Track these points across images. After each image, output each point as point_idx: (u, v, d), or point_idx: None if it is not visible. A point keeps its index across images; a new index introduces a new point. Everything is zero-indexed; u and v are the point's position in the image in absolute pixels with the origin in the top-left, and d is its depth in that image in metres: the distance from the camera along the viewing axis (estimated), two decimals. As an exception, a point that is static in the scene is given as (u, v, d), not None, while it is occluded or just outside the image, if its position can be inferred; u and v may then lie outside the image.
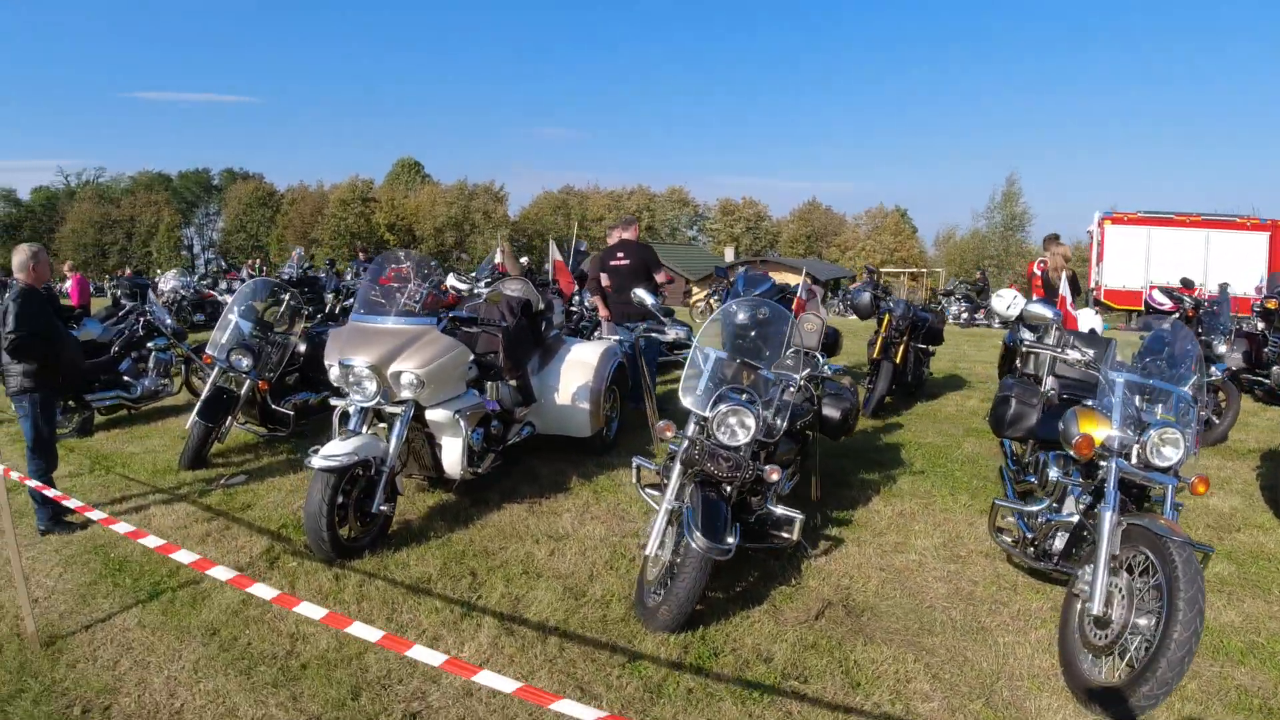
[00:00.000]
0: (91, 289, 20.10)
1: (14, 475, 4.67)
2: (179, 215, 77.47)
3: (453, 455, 6.00)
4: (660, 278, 9.81)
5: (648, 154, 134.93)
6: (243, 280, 22.66)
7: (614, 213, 77.87)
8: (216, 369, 7.67)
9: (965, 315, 27.52)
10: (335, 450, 5.24)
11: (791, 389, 5.39)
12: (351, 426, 5.64)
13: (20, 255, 5.94)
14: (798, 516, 5.06)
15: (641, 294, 6.54)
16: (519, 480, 7.07)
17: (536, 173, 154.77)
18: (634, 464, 5.65)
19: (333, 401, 5.92)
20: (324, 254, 66.40)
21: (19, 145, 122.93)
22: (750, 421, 4.80)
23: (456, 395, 6.09)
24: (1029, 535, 5.13)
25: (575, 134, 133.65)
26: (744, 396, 5.00)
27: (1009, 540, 5.32)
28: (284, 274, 17.31)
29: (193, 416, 7.45)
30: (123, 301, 14.83)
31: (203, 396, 7.55)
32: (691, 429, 4.98)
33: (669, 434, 4.95)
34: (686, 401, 5.05)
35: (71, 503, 4.45)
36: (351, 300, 15.85)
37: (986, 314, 25.90)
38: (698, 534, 4.36)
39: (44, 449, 6.00)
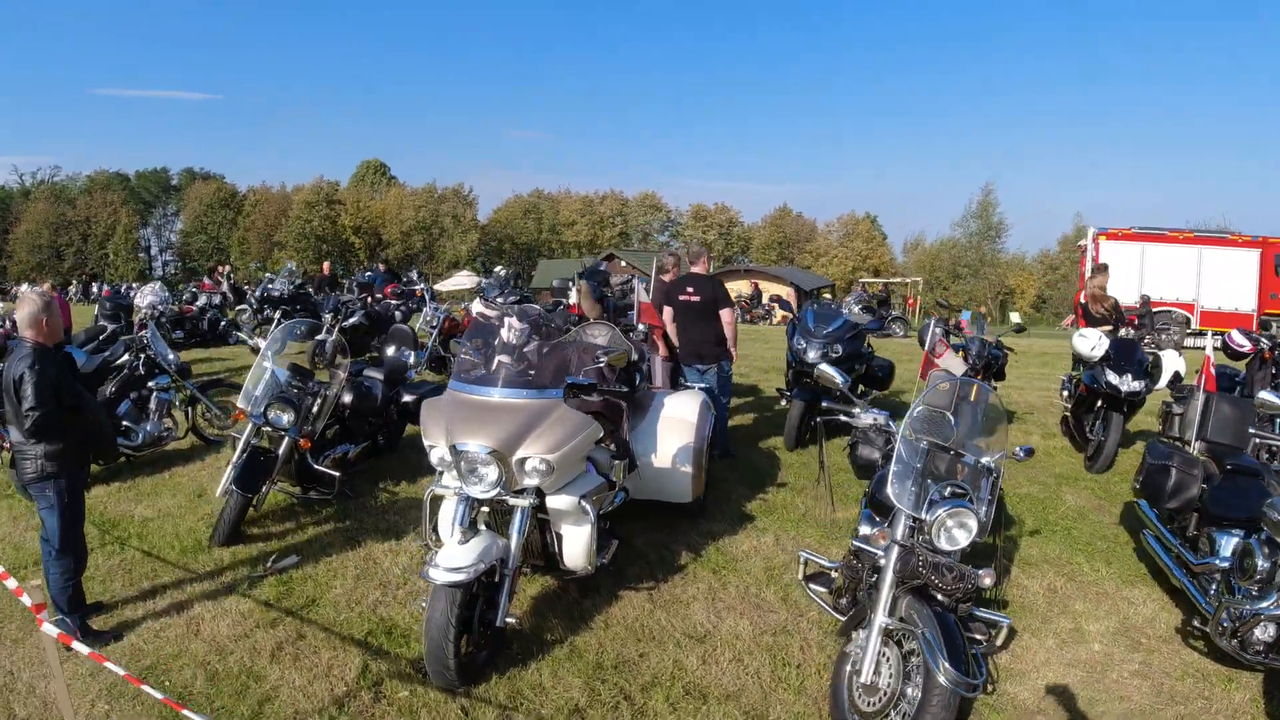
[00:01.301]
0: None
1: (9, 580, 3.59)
2: (137, 216, 74.74)
3: (577, 546, 4.96)
4: (726, 316, 8.91)
5: (618, 157, 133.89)
6: (222, 290, 21.39)
7: (586, 217, 76.98)
8: (250, 427, 6.59)
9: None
10: (457, 559, 4.26)
11: (1000, 478, 4.55)
12: (458, 520, 4.63)
13: (29, 307, 4.79)
14: (1004, 621, 4.41)
15: (830, 371, 5.62)
16: (618, 556, 6.08)
17: (505, 175, 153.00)
18: (801, 558, 5.16)
19: (439, 491, 4.90)
20: (289, 258, 64.63)
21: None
22: (972, 523, 4.09)
23: (577, 476, 5.09)
24: (1228, 625, 4.68)
25: (543, 137, 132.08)
26: (947, 491, 4.20)
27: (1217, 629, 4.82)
28: (274, 289, 16.09)
29: (226, 484, 6.36)
30: (104, 324, 13.60)
31: (234, 460, 6.45)
32: (902, 532, 4.15)
33: (883, 541, 4.09)
34: (898, 500, 4.16)
35: (118, 669, 3.44)
36: (354, 320, 14.85)
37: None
38: (946, 665, 3.60)
39: (74, 545, 4.91)
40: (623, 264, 46.70)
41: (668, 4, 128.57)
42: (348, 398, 7.33)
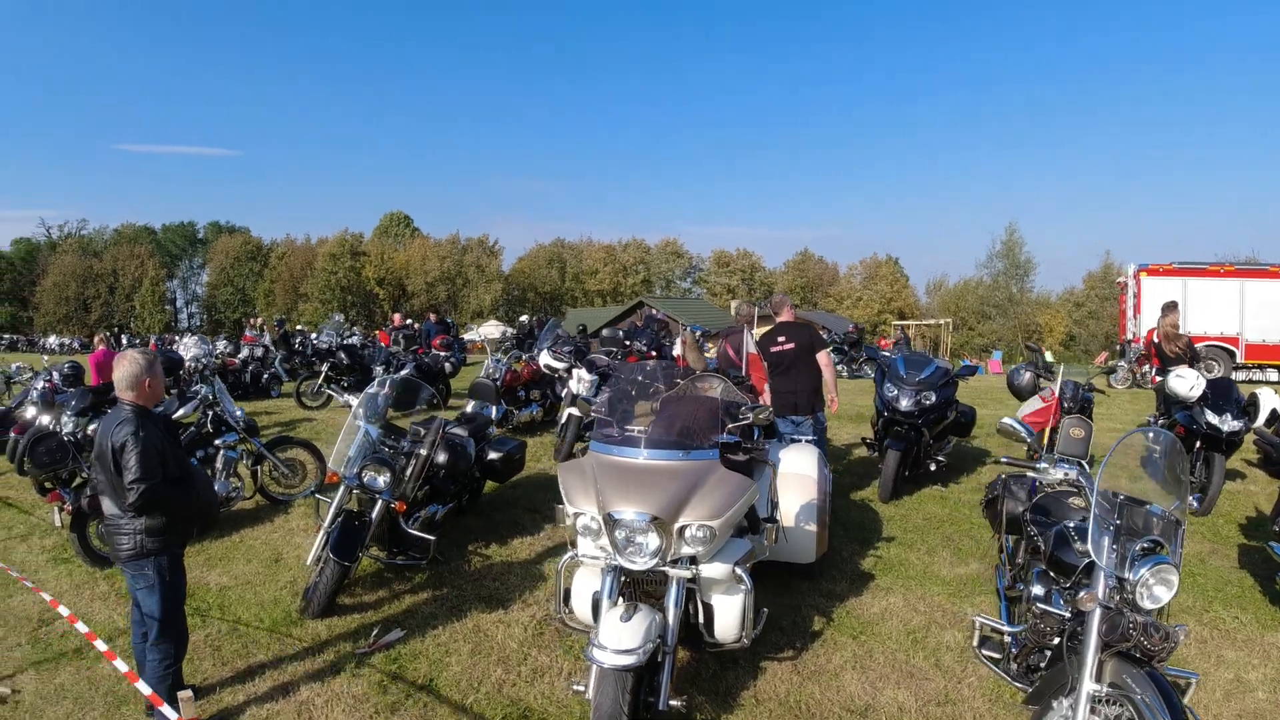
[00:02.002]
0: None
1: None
2: (163, 269, 75.54)
3: (730, 617, 4.48)
4: (823, 359, 8.54)
5: (638, 206, 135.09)
6: (263, 343, 21.13)
7: (608, 265, 77.07)
8: (343, 489, 6.19)
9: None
10: (625, 638, 3.82)
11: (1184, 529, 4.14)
12: (608, 594, 4.20)
13: (131, 366, 4.35)
14: (1193, 676, 4.15)
15: (1013, 423, 5.22)
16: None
17: (526, 225, 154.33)
18: (976, 623, 4.80)
19: (586, 557, 4.46)
20: (313, 309, 64.89)
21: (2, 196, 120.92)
22: (1174, 579, 3.71)
23: (728, 542, 4.64)
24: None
25: (562, 186, 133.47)
26: (1142, 546, 3.78)
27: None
28: (321, 341, 15.80)
29: (319, 551, 5.96)
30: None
31: (326, 525, 6.04)
32: (1104, 592, 3.68)
33: (1091, 604, 3.68)
34: (1100, 558, 3.79)
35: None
36: (406, 373, 14.48)
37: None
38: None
39: (175, 629, 4.47)
40: (652, 311, 46.38)
41: (684, 58, 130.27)
42: (441, 457, 6.91)
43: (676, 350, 8.94)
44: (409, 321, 19.74)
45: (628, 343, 14.07)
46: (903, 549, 7.41)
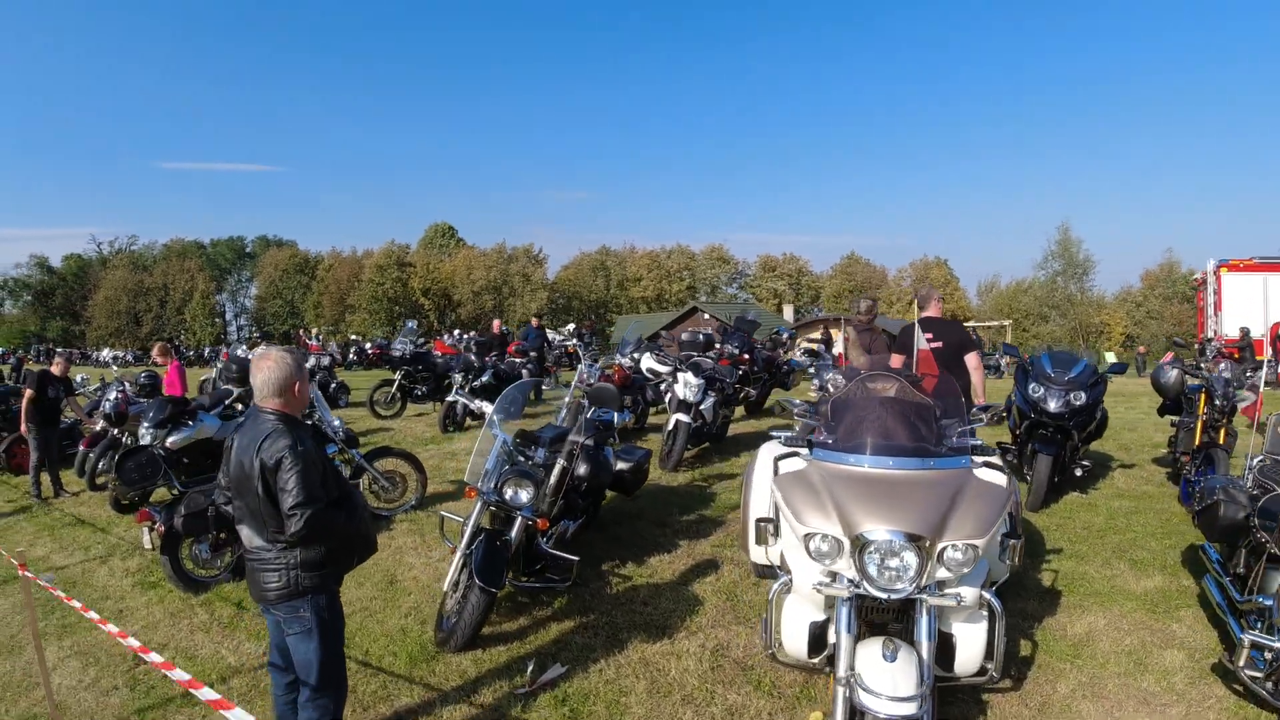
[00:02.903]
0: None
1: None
2: (213, 283, 76.33)
3: (974, 647, 3.73)
4: (973, 362, 7.75)
5: (682, 214, 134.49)
6: (329, 351, 20.70)
7: (652, 272, 76.39)
8: (479, 506, 5.47)
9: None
10: (899, 684, 3.26)
11: None
12: (847, 628, 3.51)
13: (278, 370, 3.60)
14: None
15: None
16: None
17: (569, 234, 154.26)
18: (1245, 640, 4.24)
19: (823, 588, 3.68)
20: (360, 320, 64.97)
21: (51, 213, 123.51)
22: None
23: (971, 562, 3.89)
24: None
25: (605, 194, 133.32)
26: None
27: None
28: (395, 349, 15.20)
29: (457, 575, 5.24)
30: (228, 387, 12.77)
31: (462, 547, 5.28)
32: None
33: None
34: None
35: None
36: (484, 380, 13.82)
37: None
38: None
39: (335, 678, 3.75)
40: (705, 316, 45.70)
41: (723, 66, 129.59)
42: (582, 469, 6.18)
43: (837, 349, 8.15)
44: (505, 329, 18.92)
45: (718, 346, 13.31)
46: (1076, 562, 6.65)
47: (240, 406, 12.41)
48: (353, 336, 37.49)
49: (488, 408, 6.27)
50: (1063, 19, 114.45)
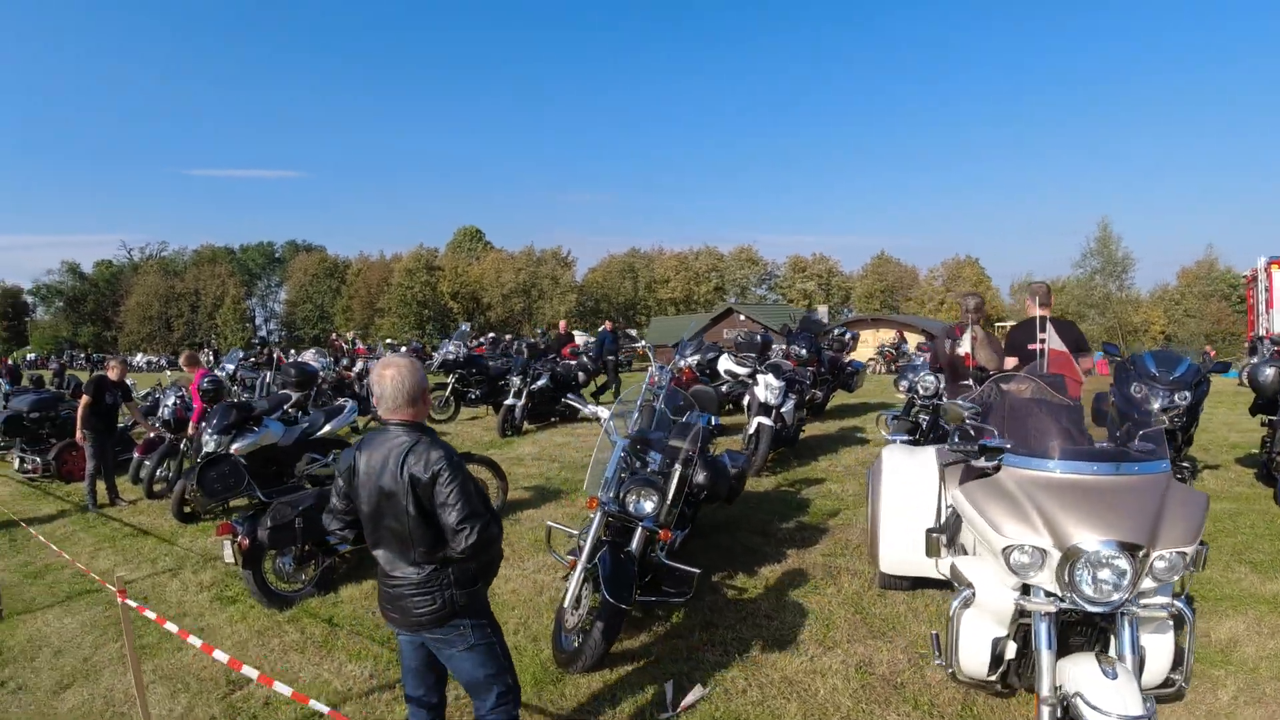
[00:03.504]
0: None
1: None
2: (243, 287, 76.78)
3: (1162, 659, 3.44)
4: (1087, 364, 7.29)
5: (709, 216, 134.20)
6: (376, 355, 20.31)
7: (680, 274, 75.89)
8: (599, 518, 5.03)
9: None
10: (1128, 704, 2.97)
11: None
12: (1046, 644, 3.26)
13: (410, 376, 3.23)
14: None
15: None
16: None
17: (597, 237, 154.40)
18: None
19: (1026, 601, 3.37)
20: (390, 324, 64.96)
21: (82, 220, 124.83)
22: None
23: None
24: None
25: (632, 197, 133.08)
26: None
27: None
28: (447, 352, 14.85)
29: (578, 590, 4.83)
30: (286, 392, 12.45)
31: (584, 562, 4.87)
32: None
33: None
34: None
35: None
36: (542, 383, 13.40)
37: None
38: None
39: (512, 680, 3.47)
40: (741, 318, 45.19)
41: (746, 66, 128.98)
42: (700, 476, 5.74)
43: (964, 348, 7.66)
44: (573, 332, 18.35)
45: (784, 346, 12.85)
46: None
47: (297, 412, 12.15)
48: (387, 341, 37.25)
49: (604, 412, 5.83)
50: (1097, 13, 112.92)
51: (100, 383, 10.31)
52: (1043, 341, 7.37)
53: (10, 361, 36.07)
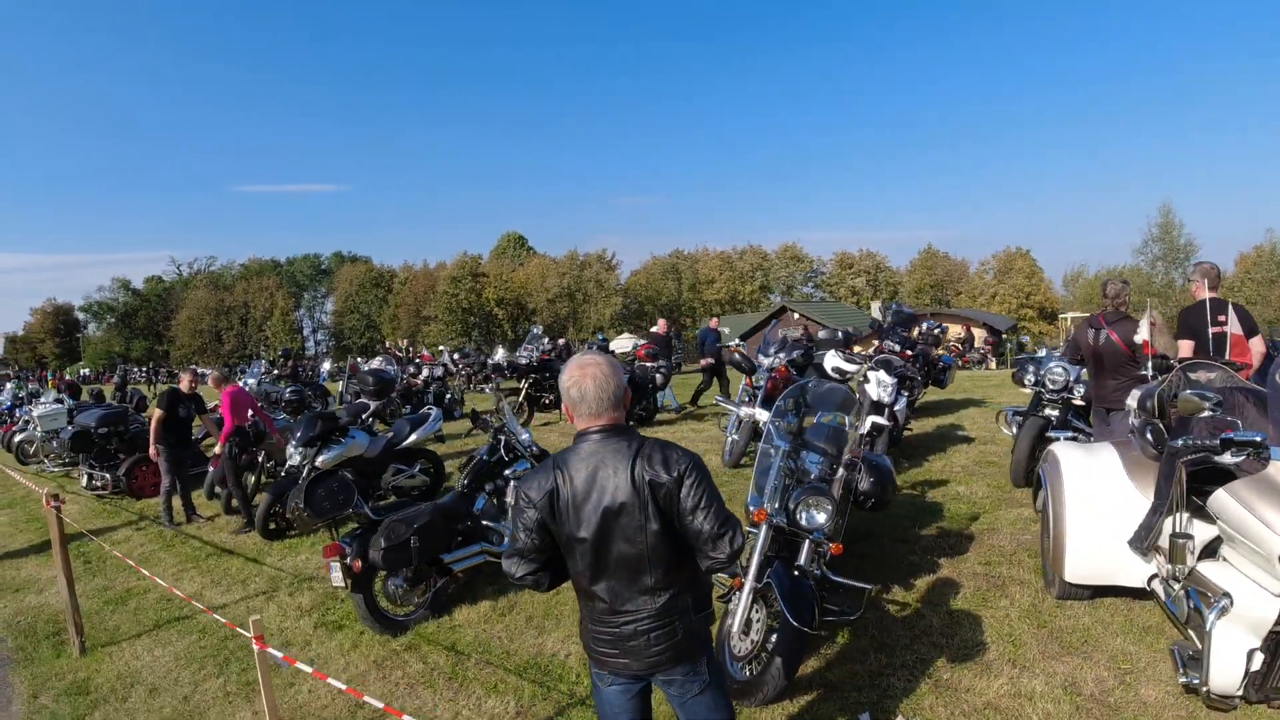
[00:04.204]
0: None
1: None
2: (292, 299, 77.52)
3: None
4: (1259, 346, 6.62)
5: (752, 215, 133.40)
6: (443, 362, 19.89)
7: (725, 274, 75.03)
8: (765, 532, 4.45)
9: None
10: None
11: None
12: None
13: (615, 376, 2.75)
14: None
15: None
16: None
17: (639, 239, 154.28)
18: None
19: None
20: (437, 330, 65.01)
21: (130, 238, 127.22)
22: None
23: None
24: None
25: (674, 198, 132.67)
26: None
27: None
28: (520, 359, 14.37)
29: (747, 615, 4.24)
30: (364, 401, 12.06)
31: (752, 581, 4.30)
32: None
33: None
34: None
35: None
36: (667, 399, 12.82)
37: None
38: None
39: None
40: (795, 316, 44.42)
41: (784, 65, 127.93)
42: (866, 483, 5.15)
43: (1142, 335, 6.99)
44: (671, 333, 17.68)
45: (877, 343, 12.20)
46: None
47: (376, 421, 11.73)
48: (440, 347, 37.17)
49: (762, 414, 5.27)
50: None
51: (173, 395, 9.94)
52: (1222, 324, 6.74)
53: (67, 377, 36.39)
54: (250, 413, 9.81)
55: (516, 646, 5.28)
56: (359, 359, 21.16)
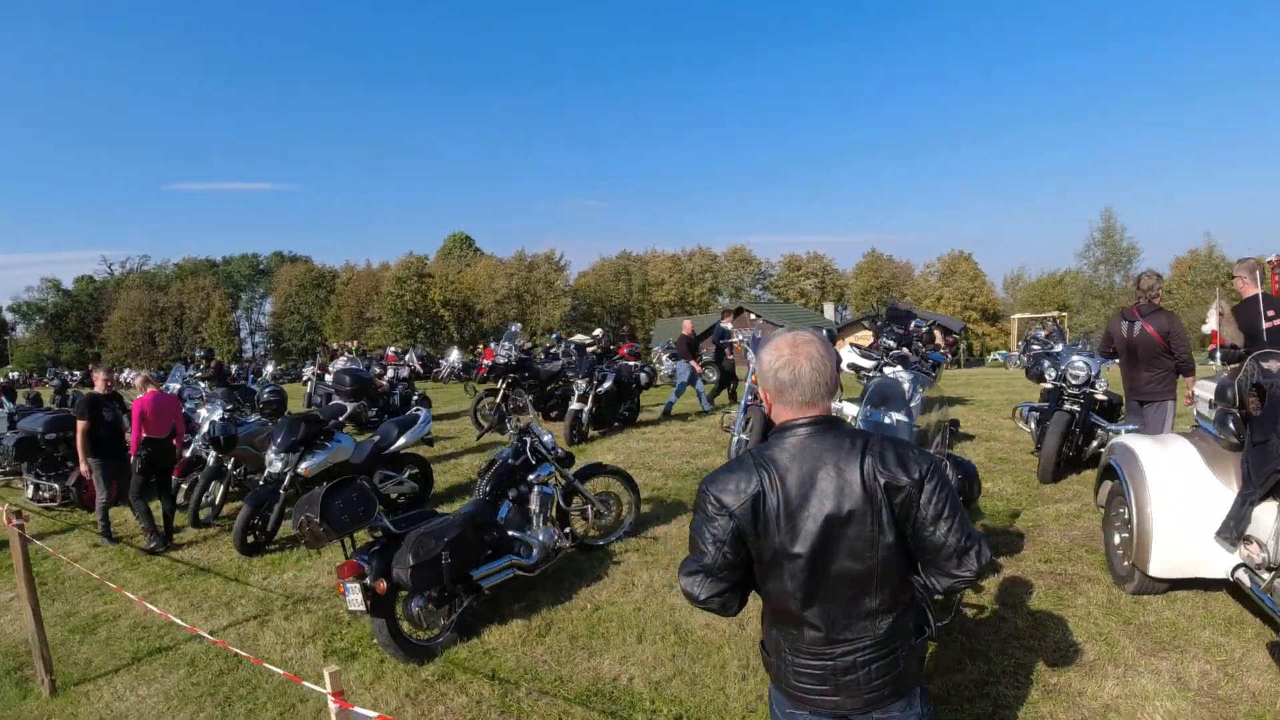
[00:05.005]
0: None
1: None
2: (229, 300, 75.13)
3: None
4: None
5: (698, 219, 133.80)
6: (407, 362, 18.99)
7: (674, 276, 74.85)
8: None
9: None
10: None
11: None
12: None
13: (831, 358, 2.32)
14: None
15: None
16: None
17: (586, 241, 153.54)
18: None
19: None
20: (381, 332, 63.56)
21: (60, 237, 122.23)
22: None
23: None
24: None
25: (620, 204, 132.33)
26: None
27: None
28: (499, 357, 13.65)
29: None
30: (339, 403, 11.30)
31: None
32: None
33: None
34: None
35: None
36: (608, 387, 12.24)
37: None
38: None
39: None
40: (752, 317, 44.35)
41: (726, 70, 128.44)
42: (954, 480, 4.72)
43: (1210, 325, 6.74)
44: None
45: (873, 339, 11.85)
46: None
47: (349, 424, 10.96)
48: (393, 349, 36.15)
49: (850, 409, 4.84)
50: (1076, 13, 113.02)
51: (94, 402, 8.70)
52: (1273, 319, 6.59)
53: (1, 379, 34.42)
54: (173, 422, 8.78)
55: (568, 671, 4.70)
56: (339, 352, 19.86)
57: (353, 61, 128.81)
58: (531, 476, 6.13)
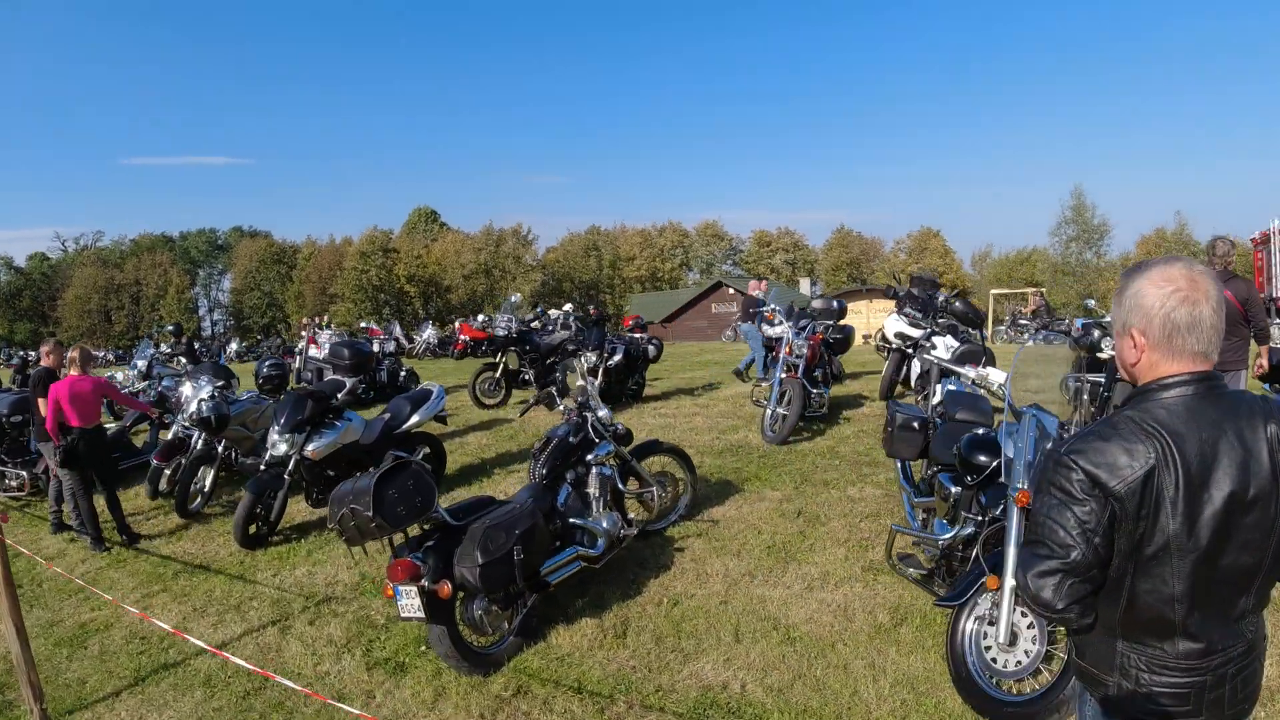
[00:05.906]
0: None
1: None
2: (187, 277, 72.94)
3: None
4: None
5: (667, 194, 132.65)
6: (394, 336, 18.05)
7: (645, 251, 74.05)
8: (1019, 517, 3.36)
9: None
10: None
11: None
12: None
13: (1222, 303, 1.83)
14: None
15: None
16: None
17: (554, 216, 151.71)
18: None
19: None
20: (345, 309, 62.09)
21: (11, 214, 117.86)
22: None
23: None
24: None
25: (584, 179, 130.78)
26: None
27: None
28: (497, 328, 12.90)
29: (1009, 620, 3.16)
30: (338, 378, 10.48)
31: (1008, 587, 3.19)
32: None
33: None
34: None
35: None
36: (617, 360, 11.56)
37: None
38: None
39: None
40: (731, 292, 43.98)
41: (695, 41, 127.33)
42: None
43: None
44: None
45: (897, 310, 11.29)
46: None
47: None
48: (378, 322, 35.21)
49: (997, 376, 4.27)
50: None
51: (47, 378, 7.75)
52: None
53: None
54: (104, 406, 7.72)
55: (667, 680, 4.06)
56: (321, 327, 18.80)
57: (307, 32, 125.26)
58: (590, 456, 5.44)
